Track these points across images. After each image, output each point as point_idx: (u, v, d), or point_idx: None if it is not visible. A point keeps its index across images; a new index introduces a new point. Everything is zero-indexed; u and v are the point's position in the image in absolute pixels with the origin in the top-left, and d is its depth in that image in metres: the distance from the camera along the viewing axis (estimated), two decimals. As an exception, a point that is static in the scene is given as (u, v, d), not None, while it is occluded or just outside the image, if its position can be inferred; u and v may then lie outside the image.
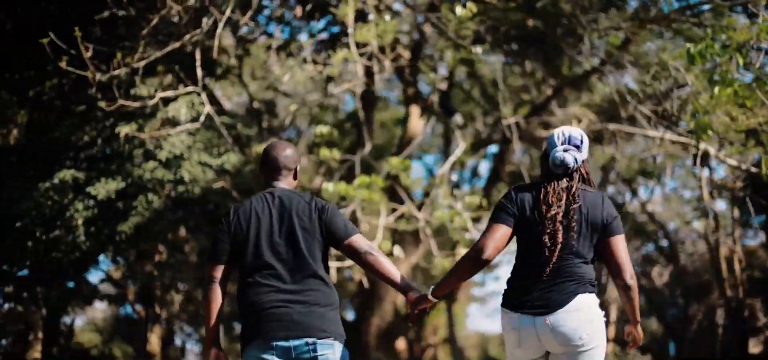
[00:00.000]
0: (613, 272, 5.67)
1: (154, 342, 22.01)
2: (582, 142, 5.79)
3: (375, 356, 18.02)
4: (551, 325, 5.52)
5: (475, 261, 5.67)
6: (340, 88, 16.46)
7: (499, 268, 32.14)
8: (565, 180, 5.73)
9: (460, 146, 15.58)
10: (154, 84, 15.66)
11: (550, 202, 5.62)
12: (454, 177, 14.73)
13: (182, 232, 18.12)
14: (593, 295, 5.65)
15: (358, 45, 14.02)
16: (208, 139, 16.40)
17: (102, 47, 14.11)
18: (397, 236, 16.70)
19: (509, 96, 17.51)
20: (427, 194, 14.27)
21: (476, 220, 14.31)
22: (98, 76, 13.52)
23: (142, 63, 14.09)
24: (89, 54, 13.27)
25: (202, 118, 14.80)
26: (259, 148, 15.83)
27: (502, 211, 5.73)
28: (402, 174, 13.85)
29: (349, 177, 15.70)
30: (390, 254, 13.51)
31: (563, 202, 5.63)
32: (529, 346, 5.65)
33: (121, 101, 13.86)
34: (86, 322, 34.90)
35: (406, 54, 17.21)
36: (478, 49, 15.00)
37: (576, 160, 5.73)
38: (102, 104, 14.09)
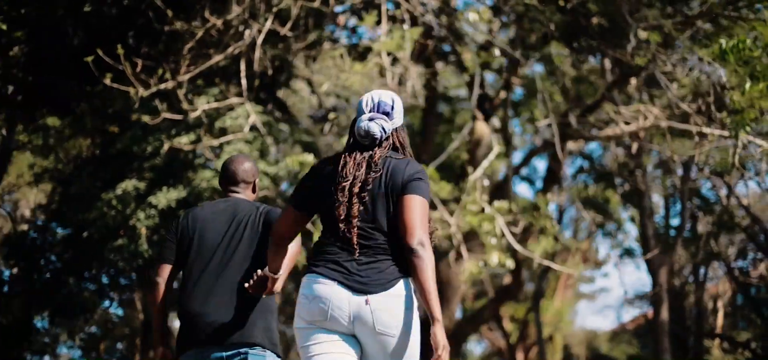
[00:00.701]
0: (400, 234, 4.98)
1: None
2: (393, 108, 5.26)
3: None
4: (373, 307, 4.96)
5: (273, 245, 5.35)
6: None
7: (607, 264, 31.68)
8: (366, 153, 5.16)
9: (493, 151, 15.47)
10: (210, 95, 16.04)
11: (346, 174, 5.07)
12: (486, 182, 14.58)
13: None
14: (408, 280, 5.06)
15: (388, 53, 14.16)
16: (267, 147, 16.74)
17: (150, 61, 14.62)
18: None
19: (559, 95, 17.36)
20: (457, 200, 14.24)
21: (511, 223, 14.29)
22: (141, 91, 14.01)
23: (187, 76, 14.52)
24: (138, 68, 13.83)
25: (246, 129, 15.12)
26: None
27: (296, 191, 5.32)
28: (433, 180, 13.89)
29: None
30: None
31: (362, 172, 5.07)
32: (336, 321, 5.04)
33: (164, 114, 14.36)
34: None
35: (469, 55, 17.19)
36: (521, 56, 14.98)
37: (384, 129, 5.19)
38: (146, 119, 14.60)
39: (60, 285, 18.71)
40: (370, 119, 5.18)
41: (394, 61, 14.47)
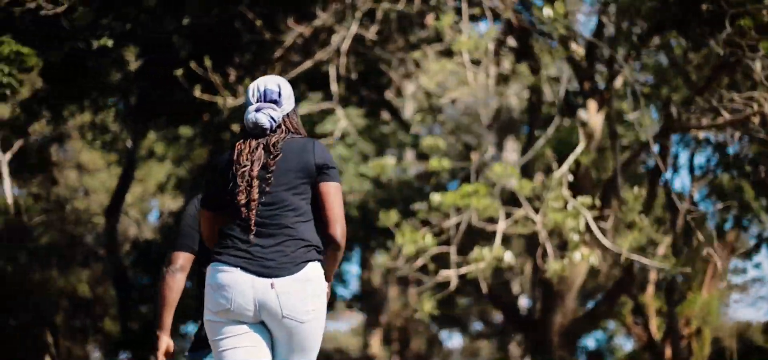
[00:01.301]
0: (323, 223, 4.93)
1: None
2: (281, 94, 5.08)
3: (559, 355, 17.81)
4: (278, 291, 4.80)
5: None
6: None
7: (759, 253, 30.45)
8: (261, 139, 5.00)
9: (579, 145, 15.14)
10: (312, 100, 16.29)
11: (242, 161, 4.91)
12: (570, 177, 14.24)
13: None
14: (319, 264, 4.94)
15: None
16: (366, 150, 16.90)
17: (241, 70, 14.99)
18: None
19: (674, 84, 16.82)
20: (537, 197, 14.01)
21: (598, 218, 14.00)
22: (229, 101, 14.36)
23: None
24: (229, 78, 14.23)
25: (337, 133, 15.30)
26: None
27: (203, 193, 5.22)
28: (516, 179, 13.76)
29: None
30: (499, 260, 13.54)
31: (260, 155, 4.92)
32: (242, 309, 4.85)
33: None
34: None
35: (580, 49, 16.90)
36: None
37: (273, 119, 5.02)
38: (236, 128, 14.94)
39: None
40: (257, 110, 5.01)
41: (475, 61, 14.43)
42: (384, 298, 26.37)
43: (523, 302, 28.82)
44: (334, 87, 15.29)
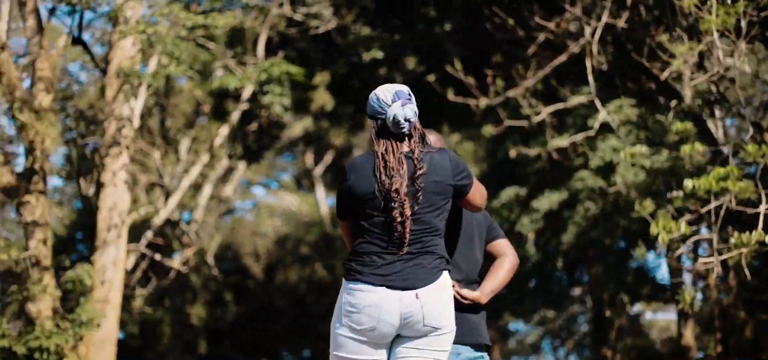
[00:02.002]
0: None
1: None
2: (411, 94, 5.14)
3: None
4: (423, 301, 4.96)
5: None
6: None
7: None
8: (405, 144, 5.05)
9: None
10: (584, 93, 16.03)
11: (391, 173, 4.96)
12: None
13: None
14: (447, 273, 5.11)
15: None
16: (642, 141, 16.40)
17: (494, 70, 15.04)
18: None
19: None
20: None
21: None
22: (483, 101, 14.48)
23: (531, 82, 14.73)
24: (487, 79, 14.38)
25: (596, 125, 14.98)
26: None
27: (339, 203, 5.28)
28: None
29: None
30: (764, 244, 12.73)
31: (405, 169, 4.97)
32: (385, 327, 5.02)
33: (507, 122, 14.68)
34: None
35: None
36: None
37: (416, 114, 5.06)
38: (489, 129, 15.01)
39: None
40: (402, 105, 5.04)
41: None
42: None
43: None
44: (590, 80, 15.02)
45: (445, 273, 5.06)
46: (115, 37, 16.22)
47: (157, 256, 19.45)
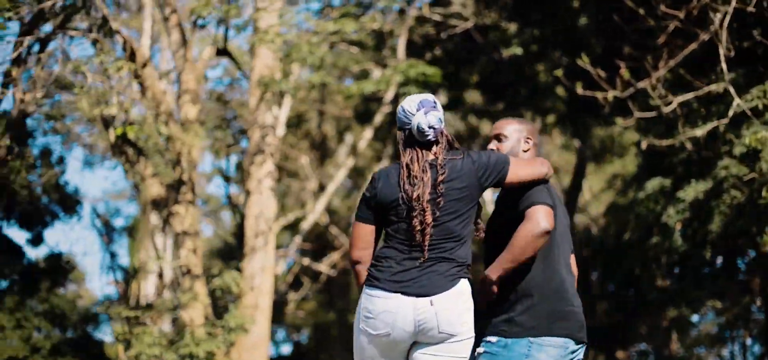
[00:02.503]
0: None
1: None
2: (437, 102, 5.20)
3: None
4: (437, 308, 4.97)
5: (351, 264, 5.33)
6: None
7: None
8: (430, 152, 5.11)
9: None
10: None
11: (414, 181, 5.02)
12: None
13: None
14: (466, 281, 5.06)
15: None
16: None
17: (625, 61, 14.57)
18: None
19: None
20: None
21: None
22: (611, 94, 14.09)
23: (661, 72, 14.23)
24: (621, 71, 13.98)
25: (730, 112, 14.29)
26: None
27: (362, 204, 5.25)
28: None
29: None
30: None
31: (429, 176, 5.02)
32: (400, 334, 5.06)
33: (636, 114, 14.22)
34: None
35: None
36: None
37: (441, 121, 5.13)
38: (620, 121, 14.58)
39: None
40: (426, 113, 5.11)
41: None
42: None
43: None
44: (724, 66, 14.36)
45: (464, 280, 5.03)
46: (254, 46, 16.59)
47: (306, 261, 19.78)
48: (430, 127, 5.09)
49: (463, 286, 5.01)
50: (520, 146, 5.43)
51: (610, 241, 20.26)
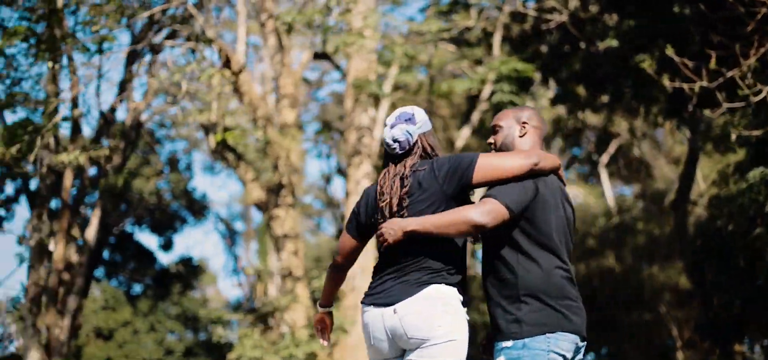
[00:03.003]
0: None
1: None
2: (414, 114, 5.24)
3: None
4: (400, 315, 4.99)
5: (331, 268, 5.47)
6: None
7: None
8: (401, 164, 5.17)
9: None
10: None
11: (383, 193, 5.13)
12: None
13: None
14: (444, 286, 5.00)
15: None
16: None
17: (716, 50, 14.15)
18: None
19: None
20: None
21: None
22: (698, 85, 13.73)
23: (751, 61, 13.78)
24: (711, 62, 13.63)
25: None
26: None
27: (351, 216, 5.41)
28: None
29: None
30: None
31: (396, 187, 5.10)
32: (381, 346, 5.15)
33: (726, 105, 13.81)
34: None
35: None
36: None
37: (409, 133, 5.17)
38: (708, 112, 14.20)
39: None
40: (392, 127, 5.21)
41: None
42: None
43: None
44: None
45: (435, 285, 4.97)
46: (338, 49, 16.73)
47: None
48: (394, 141, 5.16)
49: (433, 291, 4.96)
50: (515, 134, 5.32)
51: (721, 232, 19.69)
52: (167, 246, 36.77)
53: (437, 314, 4.93)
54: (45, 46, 16.89)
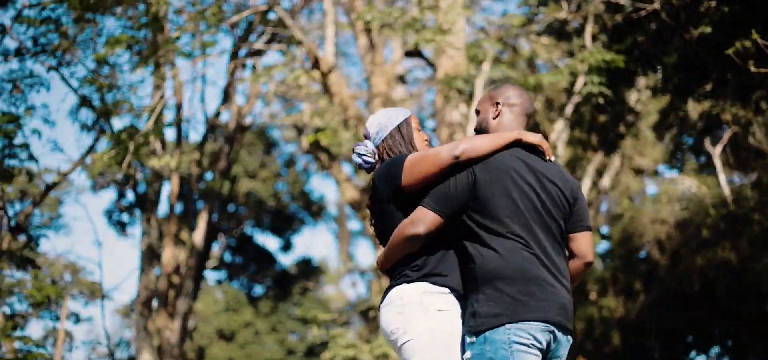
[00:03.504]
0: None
1: None
2: (368, 131, 5.38)
3: None
4: (380, 317, 5.15)
5: None
6: None
7: None
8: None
9: None
10: None
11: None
12: None
13: None
14: (405, 285, 4.96)
15: None
16: None
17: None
18: None
19: None
20: None
21: None
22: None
23: None
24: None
25: None
26: None
27: None
28: None
29: None
30: None
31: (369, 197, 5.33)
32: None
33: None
34: None
35: None
36: None
37: (360, 155, 5.29)
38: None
39: None
40: (353, 150, 5.40)
41: None
42: None
43: None
44: None
45: (395, 287, 4.98)
46: (417, 45, 16.74)
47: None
48: (357, 155, 5.35)
49: (394, 294, 4.99)
50: (489, 116, 5.24)
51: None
52: (287, 247, 37.34)
53: (392, 317, 4.98)
54: (147, 53, 17.34)
